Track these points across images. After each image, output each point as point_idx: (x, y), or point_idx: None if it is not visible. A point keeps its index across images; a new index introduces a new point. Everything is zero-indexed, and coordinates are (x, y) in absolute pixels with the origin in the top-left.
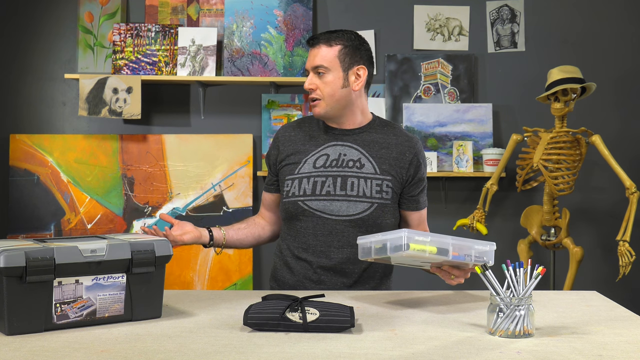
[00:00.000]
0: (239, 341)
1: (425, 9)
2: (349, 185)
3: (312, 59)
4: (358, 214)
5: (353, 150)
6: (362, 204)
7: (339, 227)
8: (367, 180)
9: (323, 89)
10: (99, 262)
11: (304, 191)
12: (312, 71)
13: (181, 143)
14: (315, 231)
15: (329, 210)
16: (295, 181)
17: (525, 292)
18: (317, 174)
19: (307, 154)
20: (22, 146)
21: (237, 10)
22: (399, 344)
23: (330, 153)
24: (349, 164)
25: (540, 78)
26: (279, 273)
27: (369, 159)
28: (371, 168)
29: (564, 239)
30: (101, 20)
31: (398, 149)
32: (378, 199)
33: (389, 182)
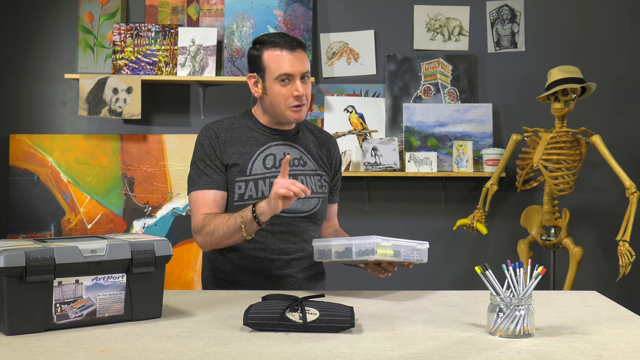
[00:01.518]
0: (239, 341)
1: (425, 9)
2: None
3: (299, 63)
4: (311, 209)
5: (294, 149)
6: (313, 200)
7: (295, 223)
8: (311, 177)
9: (308, 95)
10: (99, 262)
11: (262, 193)
12: (299, 77)
13: (181, 143)
14: (273, 230)
15: (286, 209)
16: (249, 183)
17: (525, 292)
18: (271, 175)
19: (252, 155)
20: (22, 146)
21: (237, 10)
22: (399, 344)
23: (275, 153)
24: (295, 163)
25: (540, 78)
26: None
27: (309, 157)
28: (312, 165)
29: (564, 239)
30: (101, 20)
31: (325, 146)
32: (321, 193)
33: (325, 177)
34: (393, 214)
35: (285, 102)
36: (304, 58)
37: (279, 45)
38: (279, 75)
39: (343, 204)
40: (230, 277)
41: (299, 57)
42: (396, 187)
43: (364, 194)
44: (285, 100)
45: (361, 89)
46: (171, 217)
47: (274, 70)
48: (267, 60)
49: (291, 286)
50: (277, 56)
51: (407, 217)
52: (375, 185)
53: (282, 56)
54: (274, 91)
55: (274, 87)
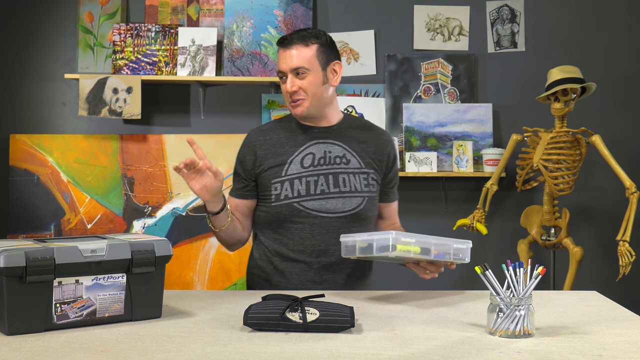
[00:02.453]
0: (239, 341)
1: (425, 9)
2: (341, 182)
3: (290, 60)
4: (353, 209)
5: (336, 147)
6: (355, 199)
7: (334, 224)
8: (355, 175)
9: (307, 89)
10: (99, 262)
11: (298, 192)
12: (291, 73)
13: (181, 143)
14: (312, 231)
15: (325, 208)
16: (285, 183)
17: (525, 292)
18: (308, 174)
19: (290, 155)
20: (22, 146)
21: (237, 10)
22: (399, 344)
23: (315, 152)
24: (336, 161)
25: (540, 78)
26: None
27: (353, 154)
28: (356, 163)
29: (564, 239)
30: (101, 20)
31: (375, 142)
32: (367, 192)
33: (373, 175)
34: None
35: (286, 98)
36: (300, 52)
37: (280, 42)
38: (277, 73)
39: None
40: (269, 278)
41: (290, 53)
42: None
43: None
44: (285, 97)
45: (361, 89)
46: (171, 217)
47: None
48: None
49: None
50: (279, 54)
51: (407, 217)
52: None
53: (279, 55)
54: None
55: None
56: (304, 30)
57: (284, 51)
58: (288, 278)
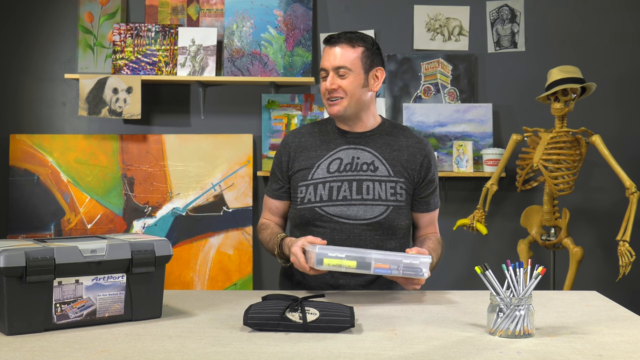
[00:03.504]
0: (239, 341)
1: (425, 9)
2: (365, 189)
3: (334, 58)
4: (375, 217)
5: (366, 153)
6: (378, 208)
7: (356, 231)
8: (382, 183)
9: (346, 88)
10: (99, 262)
11: (320, 197)
12: (333, 71)
13: (181, 143)
14: (332, 236)
15: (346, 215)
16: (310, 187)
17: (525, 292)
18: (332, 179)
19: (320, 159)
20: (22, 146)
21: (237, 10)
22: (399, 344)
23: (343, 157)
24: (363, 167)
25: (540, 78)
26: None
27: (382, 162)
28: (385, 171)
29: (564, 239)
30: (101, 20)
31: (409, 150)
32: (393, 201)
33: (402, 184)
34: None
35: (324, 95)
36: (344, 51)
37: (327, 41)
38: (319, 69)
39: None
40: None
41: (335, 51)
42: None
43: None
44: (324, 94)
45: None
46: (171, 217)
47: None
48: None
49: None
50: (324, 51)
51: None
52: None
53: (324, 52)
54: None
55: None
56: (352, 32)
57: (329, 49)
58: (307, 279)
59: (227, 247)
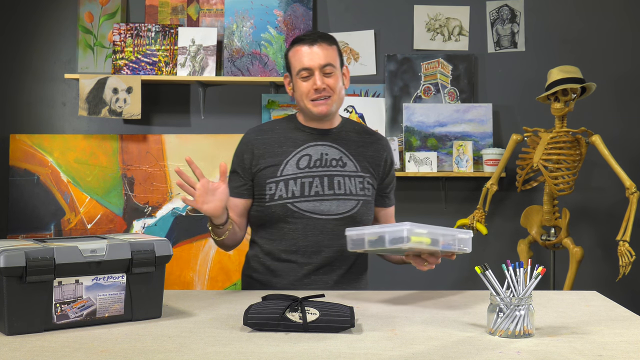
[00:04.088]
0: (239, 341)
1: (425, 9)
2: (336, 184)
3: (318, 57)
4: (347, 212)
5: (334, 150)
6: (350, 202)
7: (328, 226)
8: (351, 178)
9: (333, 86)
10: (99, 262)
11: (292, 193)
12: (319, 70)
13: (181, 143)
14: (305, 232)
15: (318, 210)
16: (280, 184)
17: (525, 292)
18: (303, 175)
19: (287, 156)
20: (22, 146)
21: (237, 10)
22: (399, 344)
23: (311, 153)
24: (332, 163)
25: (540, 78)
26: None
27: (350, 158)
28: (353, 166)
29: (564, 239)
30: (101, 20)
31: (373, 147)
32: (362, 196)
33: (369, 179)
34: None
35: (307, 96)
36: (325, 50)
37: (301, 41)
38: (299, 70)
39: None
40: (261, 277)
41: (319, 50)
42: (396, 187)
43: None
44: (307, 95)
45: (361, 89)
46: (171, 217)
47: (295, 66)
48: (291, 58)
49: None
50: (298, 52)
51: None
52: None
53: (302, 51)
54: (298, 87)
55: (297, 82)
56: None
57: (309, 48)
58: (279, 277)
59: None
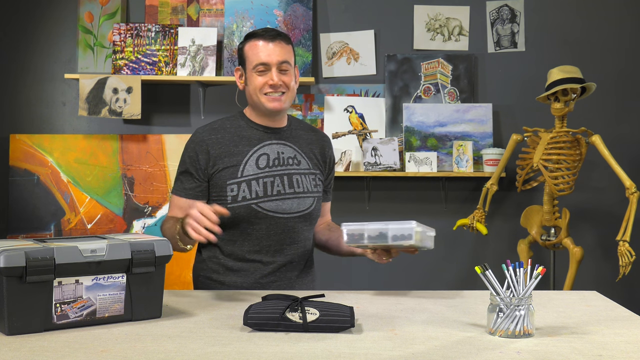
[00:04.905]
0: (239, 341)
1: (425, 9)
2: (295, 183)
3: (276, 53)
4: (306, 209)
5: (288, 148)
6: (309, 199)
7: (290, 224)
8: (307, 175)
9: (288, 84)
10: (99, 262)
11: (255, 193)
12: (275, 66)
13: (181, 143)
14: (268, 232)
15: (281, 209)
16: (242, 184)
17: (525, 292)
18: (264, 175)
19: (244, 155)
20: (22, 146)
21: (237, 10)
22: (399, 344)
23: (269, 152)
24: (289, 162)
25: (540, 78)
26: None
27: (302, 155)
28: (306, 164)
29: (564, 239)
30: (101, 20)
31: (319, 144)
32: (316, 192)
33: (319, 176)
34: (393, 214)
35: (261, 90)
36: (283, 48)
37: (259, 36)
38: (255, 64)
39: (343, 204)
40: (221, 278)
41: (276, 47)
42: (396, 187)
43: (364, 194)
44: (261, 89)
45: (361, 89)
46: None
47: (252, 60)
48: (247, 51)
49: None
50: (255, 46)
51: (407, 217)
52: (375, 185)
53: (259, 46)
54: (252, 81)
55: (252, 76)
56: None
57: (267, 44)
58: (243, 277)
59: None
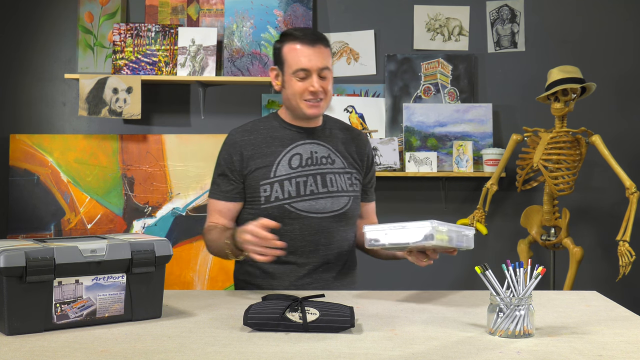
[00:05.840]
0: (239, 341)
1: (425, 9)
2: (329, 182)
3: (317, 59)
4: (340, 208)
5: (322, 147)
6: (343, 199)
7: (324, 224)
8: (341, 175)
9: (327, 90)
10: (99, 262)
11: (288, 193)
12: (317, 72)
13: (181, 143)
14: (302, 232)
15: (314, 209)
16: (275, 185)
17: (525, 292)
18: (297, 175)
19: (277, 156)
20: (22, 146)
21: (237, 10)
22: (399, 344)
23: (301, 152)
24: (322, 161)
25: (540, 78)
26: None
27: (337, 155)
28: (340, 163)
29: (564, 239)
30: (101, 20)
31: (355, 142)
32: (352, 191)
33: (355, 175)
34: (393, 214)
35: (301, 96)
36: (323, 53)
37: (299, 39)
38: (296, 69)
39: None
40: (257, 282)
41: (317, 52)
42: (396, 187)
43: None
44: (301, 95)
45: (361, 89)
46: (171, 217)
47: (291, 65)
48: (286, 54)
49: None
50: (296, 50)
51: (407, 217)
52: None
53: (300, 50)
54: (291, 85)
55: (291, 81)
56: (311, 29)
57: (308, 48)
58: (278, 280)
59: None
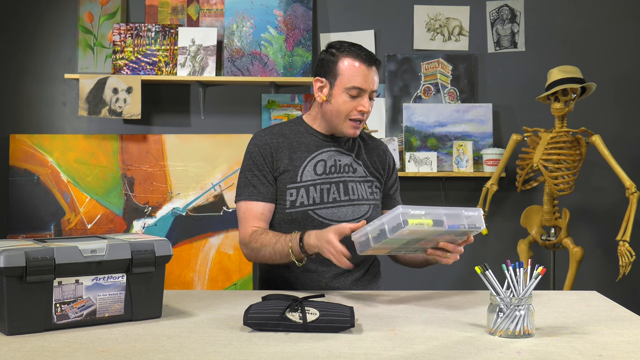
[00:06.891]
0: (239, 341)
1: (425, 9)
2: (351, 190)
3: (373, 81)
4: (361, 216)
5: (344, 155)
6: (364, 207)
7: None
8: (362, 183)
9: (369, 113)
10: (99, 262)
11: (313, 200)
12: (368, 94)
13: (181, 143)
14: None
15: (336, 217)
16: (301, 190)
17: (525, 292)
18: (321, 181)
19: (303, 161)
20: (22, 146)
21: (237, 10)
22: (399, 344)
23: (325, 159)
24: (345, 169)
25: (540, 78)
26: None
27: (359, 163)
28: (362, 171)
29: (564, 239)
30: (101, 20)
31: (376, 151)
32: (372, 200)
33: (376, 183)
34: None
35: (348, 114)
36: (376, 75)
37: (359, 57)
38: (351, 87)
39: None
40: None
41: (373, 74)
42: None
43: None
44: (348, 113)
45: None
46: (171, 217)
47: (347, 81)
48: (343, 69)
49: None
50: (355, 68)
51: None
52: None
53: (359, 68)
54: (340, 101)
55: (341, 96)
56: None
57: (368, 69)
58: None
59: (227, 247)
